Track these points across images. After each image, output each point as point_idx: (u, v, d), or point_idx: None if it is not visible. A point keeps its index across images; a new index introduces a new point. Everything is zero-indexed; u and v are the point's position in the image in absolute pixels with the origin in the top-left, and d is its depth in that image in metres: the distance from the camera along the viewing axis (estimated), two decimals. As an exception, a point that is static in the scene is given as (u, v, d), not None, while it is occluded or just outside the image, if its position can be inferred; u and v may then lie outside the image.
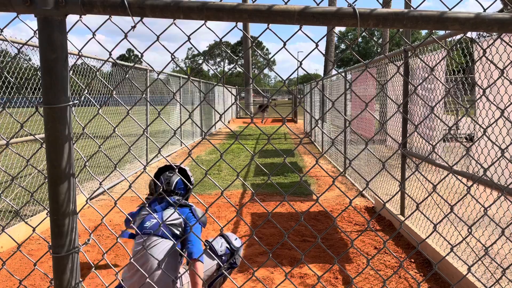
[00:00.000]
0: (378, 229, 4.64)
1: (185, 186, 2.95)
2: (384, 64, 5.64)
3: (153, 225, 2.69)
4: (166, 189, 2.90)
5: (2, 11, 1.08)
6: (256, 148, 11.98)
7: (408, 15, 1.04)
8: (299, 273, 3.53)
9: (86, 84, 3.87)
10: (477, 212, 2.52)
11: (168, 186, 2.90)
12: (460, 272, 3.10)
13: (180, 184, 2.92)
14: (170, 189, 2.90)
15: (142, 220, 2.74)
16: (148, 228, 2.67)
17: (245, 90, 28.09)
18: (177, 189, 2.91)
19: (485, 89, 1.22)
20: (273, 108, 1.29)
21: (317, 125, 3.69)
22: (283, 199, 1.21)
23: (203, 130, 2.00)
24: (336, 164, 8.93)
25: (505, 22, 1.03)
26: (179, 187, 2.92)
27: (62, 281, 1.14)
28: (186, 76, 11.93)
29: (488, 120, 2.83)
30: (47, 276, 1.34)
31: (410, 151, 4.46)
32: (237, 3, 1.09)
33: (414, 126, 1.26)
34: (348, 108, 8.08)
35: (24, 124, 1.31)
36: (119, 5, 1.06)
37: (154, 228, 2.66)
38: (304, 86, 19.29)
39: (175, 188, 2.90)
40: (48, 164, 1.10)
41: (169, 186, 2.89)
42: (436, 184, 1.24)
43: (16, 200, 5.88)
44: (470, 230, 1.30)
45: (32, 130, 5.80)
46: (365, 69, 1.16)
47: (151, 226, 2.68)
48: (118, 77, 7.82)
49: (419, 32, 50.60)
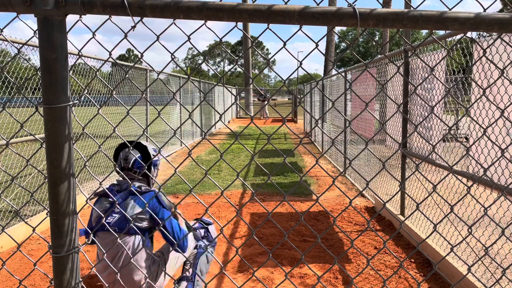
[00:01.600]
0: (378, 229, 4.64)
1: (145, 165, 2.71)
2: (384, 64, 5.64)
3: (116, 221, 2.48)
4: (123, 166, 2.64)
5: (2, 11, 1.08)
6: (256, 148, 11.98)
7: (408, 15, 1.04)
8: (299, 273, 3.53)
9: (86, 84, 3.87)
10: (477, 212, 2.52)
11: (125, 163, 2.64)
12: (460, 272, 3.10)
13: (139, 163, 2.65)
14: (128, 167, 2.64)
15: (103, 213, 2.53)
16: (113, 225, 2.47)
17: (245, 90, 28.08)
18: (135, 167, 2.65)
19: (485, 89, 1.22)
20: (273, 108, 1.29)
21: (317, 125, 3.68)
22: (283, 199, 1.21)
23: (203, 130, 2.00)
24: (336, 164, 8.93)
25: (505, 22, 1.03)
26: (138, 165, 2.65)
27: (62, 281, 1.14)
28: (186, 76, 11.93)
29: (488, 120, 2.83)
30: (47, 276, 1.34)
31: (410, 151, 4.46)
32: (237, 3, 1.09)
33: (414, 126, 1.26)
34: (348, 108, 8.08)
35: (24, 124, 1.31)
36: (119, 5, 1.06)
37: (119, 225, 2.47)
38: (304, 86, 19.30)
39: (132, 166, 2.64)
40: (48, 164, 1.10)
41: (127, 163, 2.64)
42: (436, 184, 1.24)
43: (16, 200, 5.88)
44: (470, 230, 1.30)
45: (32, 130, 5.80)
46: (365, 69, 1.16)
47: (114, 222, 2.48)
48: (118, 77, 7.82)
49: (419, 32, 50.58)
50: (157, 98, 11.17)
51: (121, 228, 2.46)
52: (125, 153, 2.66)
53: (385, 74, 5.57)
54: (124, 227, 2.46)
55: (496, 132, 2.66)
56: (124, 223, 2.48)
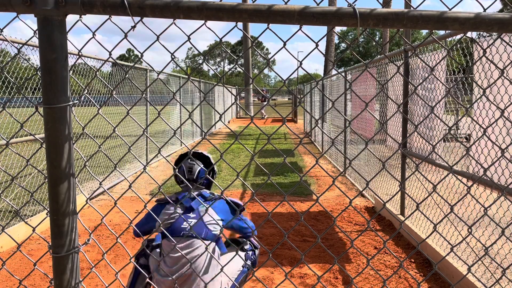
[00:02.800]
0: (378, 229, 4.64)
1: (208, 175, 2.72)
2: (384, 64, 5.64)
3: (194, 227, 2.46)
4: (188, 177, 2.66)
5: (2, 11, 1.08)
6: (256, 148, 11.98)
7: (408, 15, 1.04)
8: (299, 273, 3.53)
9: (86, 84, 3.87)
10: (477, 212, 2.52)
11: (190, 174, 2.66)
12: (460, 272, 3.10)
13: (203, 173, 2.69)
14: (193, 178, 2.66)
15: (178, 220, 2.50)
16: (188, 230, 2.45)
17: (245, 90, 28.09)
18: (199, 178, 2.67)
19: (485, 89, 1.22)
20: (273, 108, 1.29)
21: (317, 125, 3.69)
22: (283, 199, 1.21)
23: (203, 130, 2.00)
24: (336, 164, 8.93)
25: (505, 22, 1.03)
26: (201, 176, 2.68)
27: (62, 281, 1.14)
28: (186, 76, 11.93)
29: (488, 120, 2.83)
30: (47, 276, 1.34)
31: (410, 151, 4.46)
32: (237, 3, 1.09)
33: (414, 126, 1.26)
34: (348, 108, 8.08)
35: (24, 124, 1.31)
36: (119, 5, 1.06)
37: (197, 230, 2.45)
38: (304, 86, 19.29)
39: (197, 178, 2.67)
40: (48, 164, 1.10)
41: (191, 175, 2.66)
42: (436, 184, 1.24)
43: (16, 200, 5.88)
44: (470, 230, 1.30)
45: (32, 130, 5.80)
46: (365, 69, 1.16)
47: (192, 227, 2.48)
48: (118, 77, 7.82)
49: (419, 32, 50.57)
50: (157, 98, 11.17)
51: (198, 233, 2.45)
52: (188, 164, 2.70)
53: (385, 74, 5.57)
54: (201, 232, 2.45)
55: (496, 132, 2.66)
56: (201, 229, 2.47)
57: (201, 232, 2.45)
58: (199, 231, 2.45)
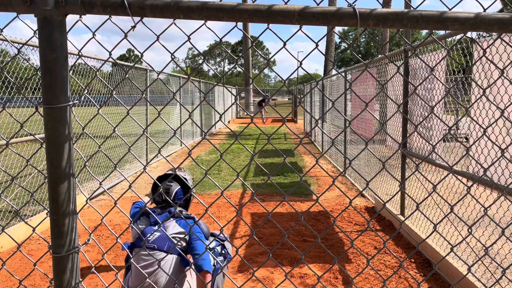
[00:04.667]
0: (378, 229, 4.64)
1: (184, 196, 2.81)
2: (384, 64, 5.64)
3: (156, 239, 2.58)
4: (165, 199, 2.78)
5: (2, 11, 1.08)
6: (256, 148, 11.98)
7: (408, 15, 1.04)
8: (299, 273, 3.53)
9: (86, 84, 3.87)
10: (477, 212, 2.52)
11: (167, 195, 2.78)
12: (460, 272, 3.10)
13: (180, 193, 2.83)
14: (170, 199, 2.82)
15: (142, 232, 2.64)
16: (151, 242, 2.57)
17: (245, 90, 28.08)
18: (176, 199, 2.81)
19: (485, 89, 1.22)
20: (273, 108, 1.29)
21: (317, 125, 3.70)
22: (283, 199, 1.21)
23: (203, 130, 1.99)
24: (336, 164, 8.93)
25: (505, 22, 1.03)
26: (179, 197, 2.83)
27: (62, 281, 1.14)
28: (186, 76, 11.93)
29: (488, 120, 2.83)
30: (47, 276, 1.34)
31: (410, 151, 4.46)
32: (237, 3, 1.09)
33: (414, 126, 1.26)
34: (348, 108, 8.08)
35: (24, 124, 1.31)
36: (119, 5, 1.06)
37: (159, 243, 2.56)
38: (304, 86, 19.29)
39: (174, 199, 2.80)
40: (48, 164, 1.10)
41: (169, 196, 2.78)
42: (436, 184, 1.24)
43: (16, 200, 5.88)
44: (470, 230, 1.30)
45: (32, 130, 5.80)
46: (365, 69, 1.16)
47: (154, 240, 2.58)
48: (118, 77, 7.82)
49: (419, 32, 50.58)
50: (157, 98, 11.17)
51: (160, 246, 2.55)
52: (165, 186, 2.80)
53: (385, 74, 5.57)
54: (163, 245, 2.55)
55: (496, 132, 2.66)
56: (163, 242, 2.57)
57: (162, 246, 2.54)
58: (160, 245, 2.55)
